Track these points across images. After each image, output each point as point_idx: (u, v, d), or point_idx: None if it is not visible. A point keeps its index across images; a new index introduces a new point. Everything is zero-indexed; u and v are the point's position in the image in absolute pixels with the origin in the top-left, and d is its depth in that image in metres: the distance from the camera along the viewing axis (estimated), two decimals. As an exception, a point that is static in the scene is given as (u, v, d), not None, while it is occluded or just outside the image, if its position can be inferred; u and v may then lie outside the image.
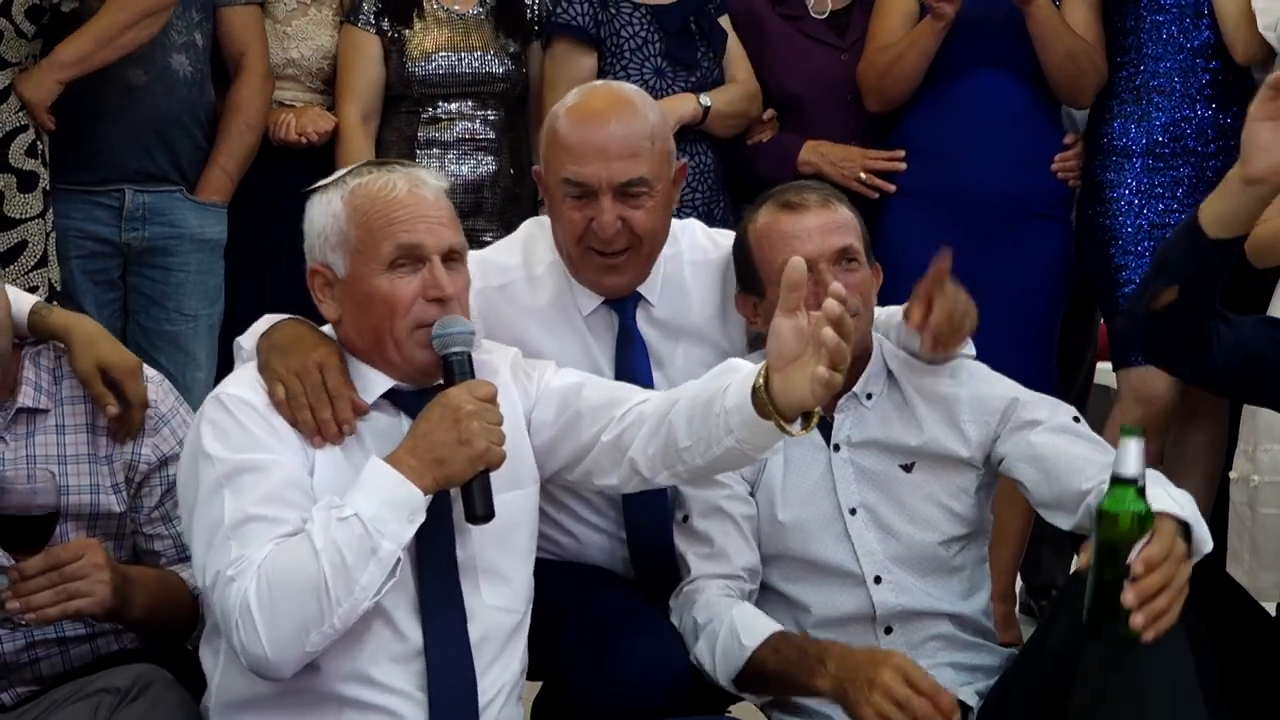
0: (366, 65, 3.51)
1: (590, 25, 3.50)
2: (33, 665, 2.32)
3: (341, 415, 2.12)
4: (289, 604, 1.96)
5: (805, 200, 2.46)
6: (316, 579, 1.96)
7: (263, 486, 2.03)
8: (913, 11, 3.52)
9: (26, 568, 2.12)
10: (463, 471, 2.04)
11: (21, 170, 3.15)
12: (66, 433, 2.32)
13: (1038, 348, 3.53)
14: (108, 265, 3.38)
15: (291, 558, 1.98)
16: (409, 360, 2.15)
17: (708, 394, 2.10)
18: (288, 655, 1.98)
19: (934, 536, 2.47)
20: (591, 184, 2.43)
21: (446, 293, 2.13)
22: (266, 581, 1.97)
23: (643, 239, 2.48)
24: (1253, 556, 2.77)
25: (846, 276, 2.41)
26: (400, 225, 2.13)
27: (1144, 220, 3.43)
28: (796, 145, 3.58)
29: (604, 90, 2.59)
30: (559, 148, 2.47)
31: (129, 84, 3.31)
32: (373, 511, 1.99)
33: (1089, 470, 2.31)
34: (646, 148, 2.45)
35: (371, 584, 1.98)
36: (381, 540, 1.98)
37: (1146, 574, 1.97)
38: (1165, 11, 3.40)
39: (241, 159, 3.46)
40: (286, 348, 2.18)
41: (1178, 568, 2.00)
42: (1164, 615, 1.99)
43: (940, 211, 3.49)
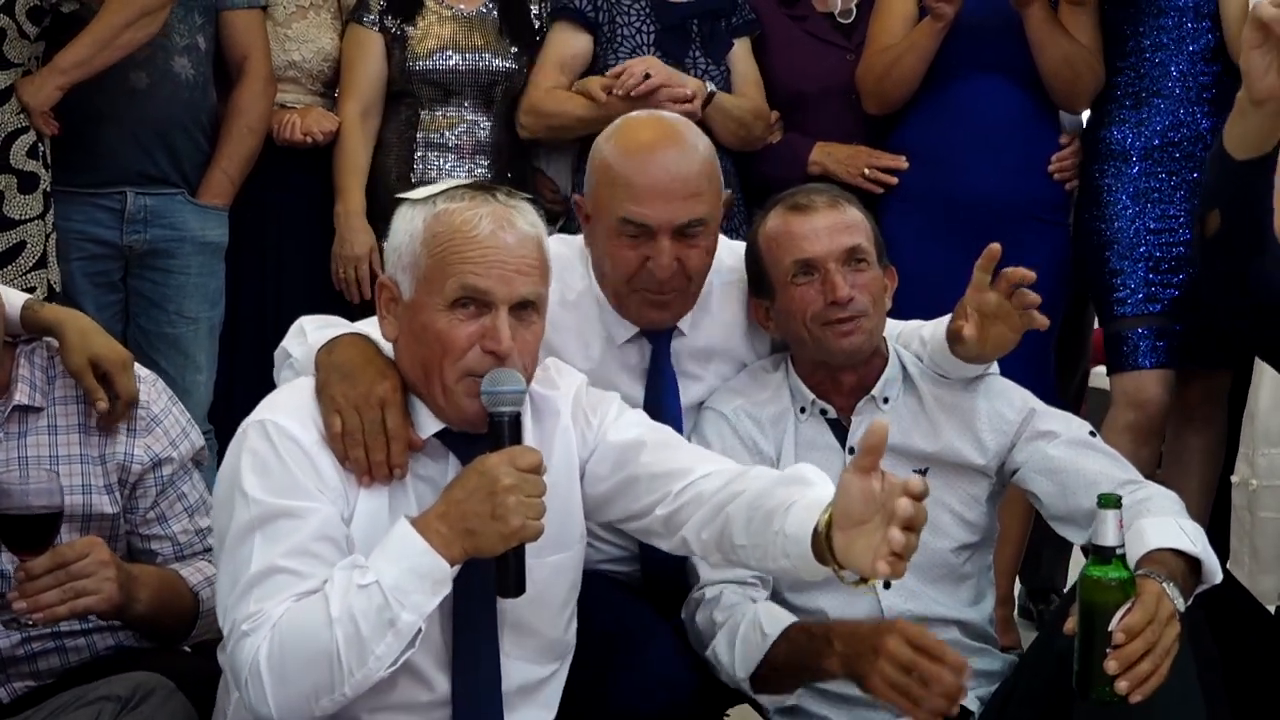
0: (368, 63, 3.51)
1: (590, 9, 3.52)
2: (30, 661, 2.33)
3: (395, 460, 2.04)
4: (299, 670, 1.90)
5: (813, 202, 2.47)
6: (329, 648, 1.89)
7: (294, 537, 1.95)
8: (912, 14, 3.52)
9: (32, 567, 2.12)
10: (493, 546, 1.94)
11: (22, 171, 3.15)
12: (59, 433, 2.32)
13: (1036, 352, 3.50)
14: (108, 267, 3.38)
15: (305, 621, 1.91)
16: (454, 406, 2.05)
17: (771, 505, 2.00)
18: (294, 717, 1.92)
19: (945, 543, 2.48)
20: (651, 224, 2.40)
21: (504, 348, 2.01)
22: (279, 643, 1.90)
23: (692, 278, 2.47)
24: (1252, 560, 2.78)
25: (855, 276, 2.44)
26: (471, 266, 2.02)
27: (1141, 225, 3.42)
28: (805, 146, 3.58)
29: (651, 123, 2.53)
30: (616, 184, 2.42)
31: (131, 87, 3.32)
32: (394, 580, 1.91)
33: (1104, 485, 2.32)
34: (705, 186, 2.43)
35: (388, 654, 1.91)
36: (401, 611, 1.90)
37: (1128, 641, 1.99)
38: (1165, 15, 3.39)
39: (243, 162, 3.46)
40: (349, 372, 2.08)
41: (1163, 631, 2.02)
42: (1149, 678, 2.00)
43: (938, 216, 3.49)
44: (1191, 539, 2.20)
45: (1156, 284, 3.40)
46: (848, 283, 2.42)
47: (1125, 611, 2.01)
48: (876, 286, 2.47)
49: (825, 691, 2.47)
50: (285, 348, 2.30)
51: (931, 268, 3.40)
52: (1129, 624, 2.00)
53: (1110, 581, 2.03)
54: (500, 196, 2.09)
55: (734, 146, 3.57)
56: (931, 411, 2.51)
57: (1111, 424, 3.41)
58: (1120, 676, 1.99)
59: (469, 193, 2.09)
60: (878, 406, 2.50)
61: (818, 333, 2.45)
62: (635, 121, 2.55)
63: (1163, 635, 2.02)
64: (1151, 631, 2.01)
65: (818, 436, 2.51)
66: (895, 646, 2.12)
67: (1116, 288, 3.43)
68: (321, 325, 2.28)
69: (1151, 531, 2.22)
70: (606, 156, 2.46)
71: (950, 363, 2.50)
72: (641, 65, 3.36)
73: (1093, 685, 2.03)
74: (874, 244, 2.49)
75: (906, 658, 2.10)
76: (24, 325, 2.34)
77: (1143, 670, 2.00)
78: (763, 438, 2.51)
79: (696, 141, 2.48)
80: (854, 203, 2.52)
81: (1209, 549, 2.22)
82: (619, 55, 3.52)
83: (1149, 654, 2.00)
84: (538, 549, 2.04)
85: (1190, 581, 2.18)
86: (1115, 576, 2.03)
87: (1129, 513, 2.28)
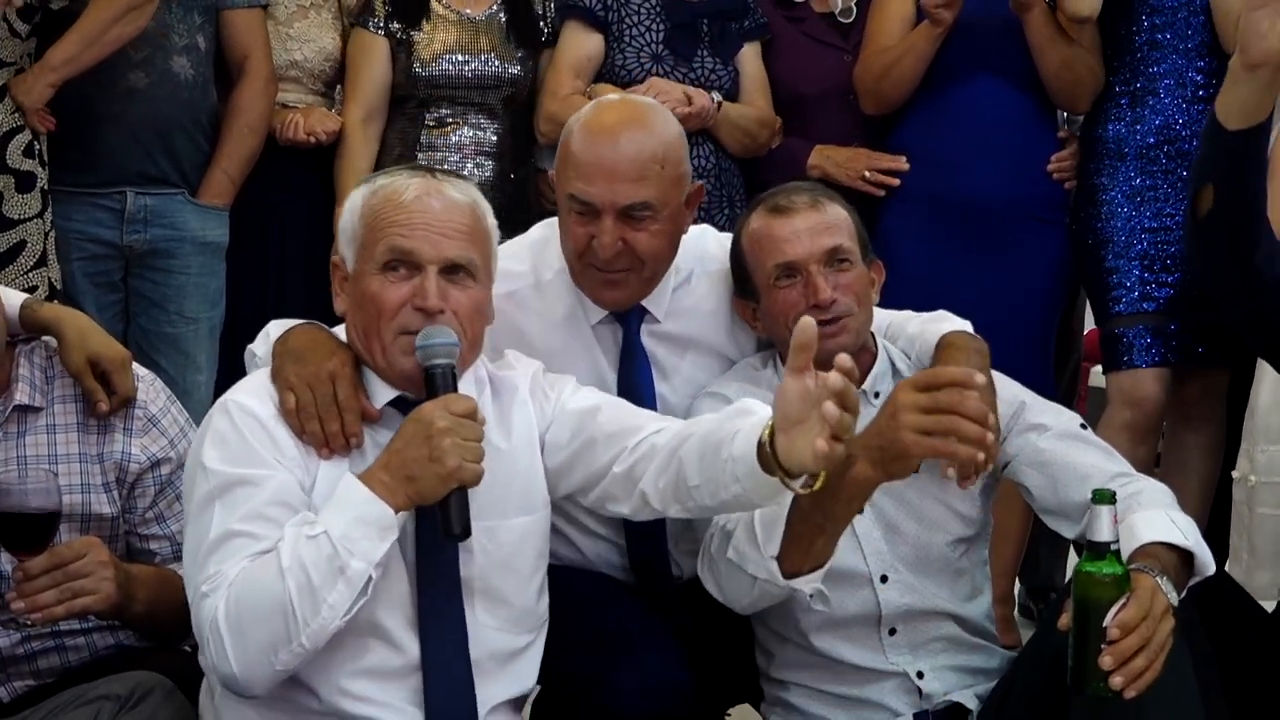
0: (373, 67, 3.51)
1: (600, 8, 3.53)
2: (29, 660, 2.33)
3: (350, 429, 2.10)
4: (255, 624, 1.94)
5: (793, 203, 2.46)
6: (282, 599, 1.93)
7: (251, 502, 2.01)
8: (910, 15, 3.53)
9: (30, 567, 2.12)
10: (434, 489, 2.00)
11: (19, 170, 3.16)
12: (58, 432, 2.32)
13: (1036, 351, 3.53)
14: (109, 267, 3.38)
15: (259, 576, 1.96)
16: (392, 366, 2.12)
17: (718, 436, 2.07)
18: (256, 674, 1.96)
19: (941, 537, 2.47)
20: (595, 203, 2.42)
21: (431, 304, 2.09)
22: (235, 600, 1.95)
23: (644, 261, 2.46)
24: (1250, 556, 2.78)
25: (837, 277, 2.42)
26: (398, 229, 2.11)
27: (1137, 224, 3.42)
28: (805, 150, 3.59)
29: (620, 105, 2.57)
30: (568, 162, 2.46)
31: (130, 87, 3.32)
32: (342, 530, 1.96)
33: (1096, 478, 2.32)
34: (655, 171, 2.42)
35: (340, 603, 1.96)
36: (350, 559, 1.96)
37: (1123, 637, 1.99)
38: (1160, 13, 3.39)
39: (243, 162, 3.47)
40: (300, 354, 2.16)
41: (1157, 626, 2.02)
42: (1144, 674, 2.00)
43: (937, 216, 3.50)
44: (1183, 532, 2.20)
45: (1152, 282, 3.41)
46: (830, 284, 2.40)
47: (1120, 607, 2.01)
48: (861, 285, 2.45)
49: (825, 692, 2.48)
50: (252, 349, 2.34)
51: (931, 269, 3.42)
52: (1124, 620, 2.00)
53: (1105, 577, 2.03)
54: (438, 174, 2.20)
55: (739, 154, 3.59)
56: None
57: (1108, 422, 3.42)
58: (1115, 672, 1.99)
59: (406, 170, 2.21)
60: (868, 401, 2.47)
61: None
62: (605, 104, 2.57)
63: (1157, 631, 2.02)
64: (1146, 627, 2.01)
65: None
66: (905, 396, 2.05)
67: (1112, 286, 3.44)
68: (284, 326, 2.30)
69: (1143, 526, 2.21)
70: (569, 134, 2.49)
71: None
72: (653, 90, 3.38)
73: (1087, 681, 2.03)
74: (857, 241, 2.47)
75: (919, 401, 2.03)
76: (23, 325, 2.35)
77: (1137, 666, 2.00)
78: None
79: (660, 127, 2.47)
80: (835, 199, 2.50)
81: (1201, 541, 2.21)
82: (627, 54, 3.53)
83: (1144, 650, 2.00)
84: (503, 510, 2.14)
85: (1183, 574, 2.18)
86: (1110, 572, 2.03)
87: (1120, 507, 2.28)
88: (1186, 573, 2.20)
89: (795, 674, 2.51)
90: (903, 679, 2.45)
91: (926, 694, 2.45)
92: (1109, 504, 2.03)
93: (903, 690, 2.46)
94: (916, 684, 2.45)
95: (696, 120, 3.42)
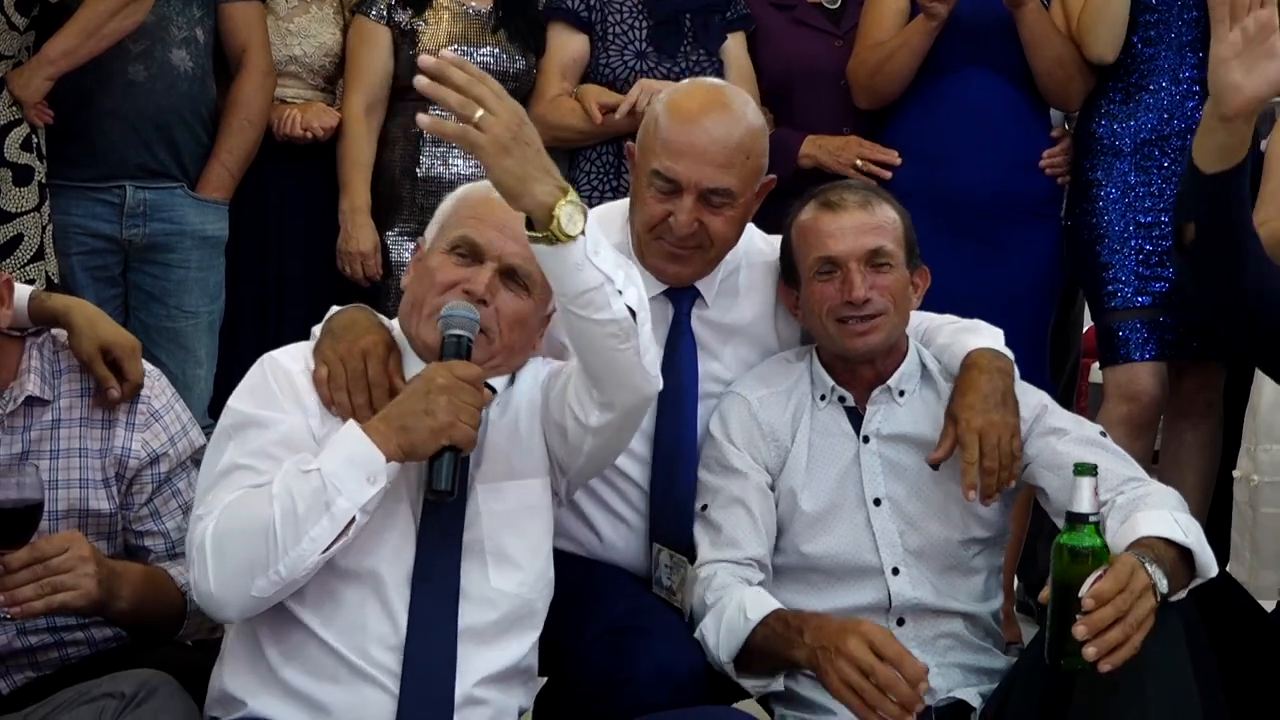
0: (374, 57, 3.51)
1: (583, 9, 3.53)
2: (29, 654, 2.32)
3: (377, 405, 2.16)
4: (238, 543, 2.03)
5: (844, 200, 2.50)
6: (266, 524, 2.02)
7: (259, 440, 2.13)
8: (904, 9, 3.52)
9: (10, 561, 2.10)
10: (425, 442, 2.07)
11: (16, 164, 3.14)
12: (61, 427, 2.32)
13: (1030, 345, 3.52)
14: (108, 261, 3.37)
15: (249, 502, 2.06)
16: (419, 336, 2.22)
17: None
18: (231, 595, 2.05)
19: (956, 534, 2.49)
20: (679, 181, 2.47)
21: (477, 289, 2.18)
22: (224, 522, 2.05)
23: (714, 242, 2.52)
24: (1253, 555, 2.78)
25: (876, 277, 2.46)
26: (474, 221, 2.23)
27: (1132, 219, 3.43)
28: (796, 139, 3.58)
29: (710, 89, 2.60)
30: (656, 138, 2.50)
31: (129, 80, 3.31)
32: (333, 468, 2.04)
33: (1110, 481, 2.33)
34: (741, 160, 2.48)
35: (321, 537, 2.03)
36: (337, 496, 2.03)
37: (1098, 607, 1.99)
38: (1153, 10, 3.39)
39: (243, 155, 3.46)
40: (339, 332, 2.25)
41: (1134, 601, 2.02)
42: (1119, 648, 2.00)
43: (930, 211, 3.44)
44: (1184, 530, 2.20)
45: (1147, 277, 3.42)
46: (866, 283, 2.44)
47: (1096, 579, 2.02)
48: (899, 288, 2.48)
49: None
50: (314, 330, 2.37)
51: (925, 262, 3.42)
52: (1099, 590, 2.00)
53: (1083, 549, 2.04)
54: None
55: None
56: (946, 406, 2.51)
57: (1105, 417, 3.41)
58: (1089, 643, 1.99)
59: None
60: (893, 398, 2.52)
61: (833, 329, 2.48)
62: (694, 86, 2.63)
63: (1135, 606, 2.01)
64: (1122, 600, 2.00)
65: (833, 423, 2.53)
66: (855, 648, 2.12)
67: (1107, 282, 3.45)
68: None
69: (1144, 522, 2.22)
70: (657, 112, 2.53)
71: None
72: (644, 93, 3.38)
73: (1063, 653, 2.04)
74: (903, 246, 2.51)
75: (865, 661, 2.10)
76: (31, 316, 2.34)
77: (1112, 638, 1.99)
78: (782, 427, 2.53)
79: (744, 115, 2.52)
80: (888, 201, 2.54)
81: (1204, 543, 2.21)
82: (611, 53, 3.53)
83: (1119, 623, 2.00)
84: (509, 471, 2.23)
85: (1182, 573, 2.18)
86: (1088, 545, 2.04)
87: (1127, 507, 2.29)
88: (1187, 573, 2.20)
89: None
90: None
91: (931, 688, 2.44)
92: (1089, 475, 2.05)
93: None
94: None
95: None
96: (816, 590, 2.48)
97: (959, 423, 2.41)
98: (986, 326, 2.58)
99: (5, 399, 2.28)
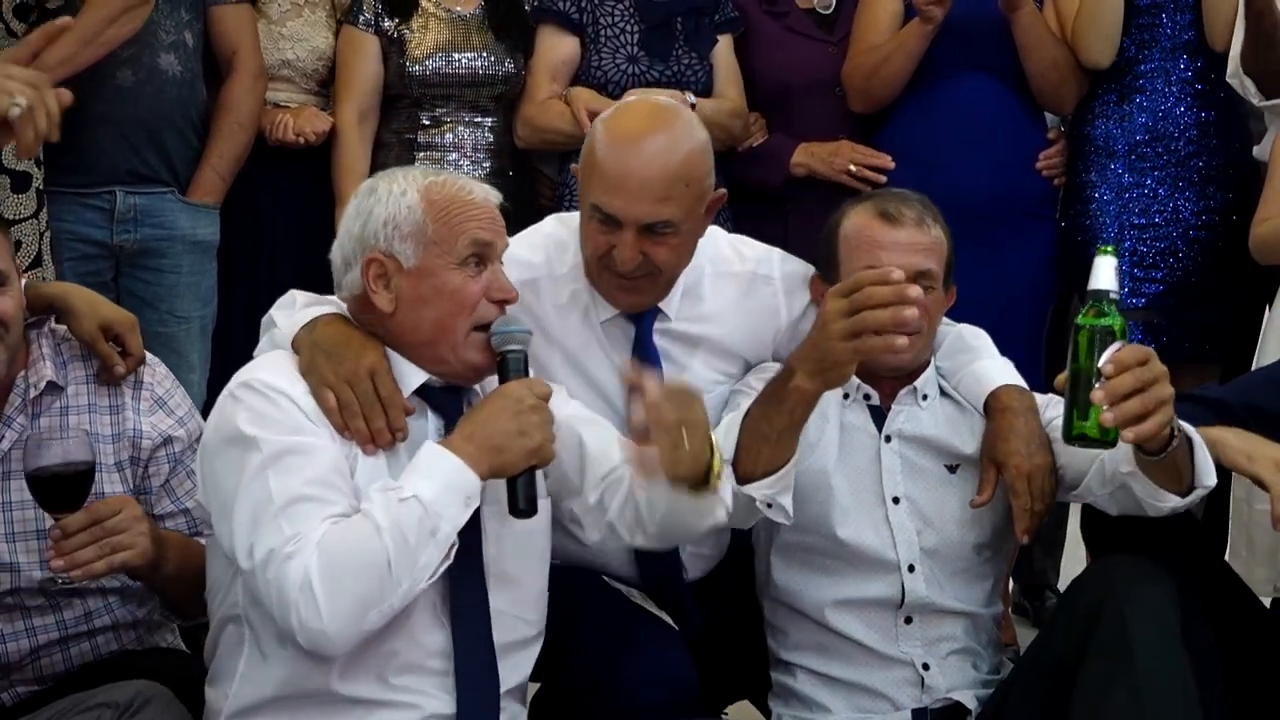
0: (365, 65, 3.49)
1: (574, 11, 3.52)
2: (34, 664, 2.33)
3: (395, 424, 2.14)
4: (351, 580, 1.97)
5: (902, 215, 2.48)
6: (380, 557, 1.98)
7: (310, 469, 2.05)
8: (898, 12, 3.54)
9: (68, 524, 2.14)
10: (516, 463, 2.07)
11: (14, 171, 3.12)
12: (70, 414, 2.33)
13: (1026, 346, 3.54)
14: (100, 267, 3.35)
15: (354, 535, 1.99)
16: (463, 360, 2.18)
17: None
18: (347, 631, 1.99)
19: (969, 537, 2.52)
20: (618, 217, 2.40)
21: (511, 295, 2.20)
22: (328, 557, 1.97)
23: (662, 270, 2.47)
24: (1248, 551, 2.80)
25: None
26: (478, 224, 2.18)
27: (1126, 220, 3.45)
28: (789, 147, 3.59)
29: (646, 112, 2.52)
30: (593, 171, 2.43)
31: (118, 85, 3.29)
32: (432, 494, 2.01)
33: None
34: (680, 190, 2.41)
35: (430, 565, 2.01)
36: (440, 522, 2.01)
37: (1117, 373, 1.99)
38: (1146, 12, 3.42)
39: (234, 159, 3.44)
40: (333, 350, 2.16)
41: (1155, 376, 2.01)
42: (1140, 419, 1.99)
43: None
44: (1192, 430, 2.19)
45: (1141, 279, 3.45)
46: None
47: (1116, 350, 2.01)
48: (935, 308, 2.49)
49: (831, 678, 2.52)
50: (272, 315, 2.34)
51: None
52: (1119, 357, 2.00)
53: (1103, 325, 2.03)
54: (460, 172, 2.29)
55: (715, 149, 3.56)
56: (969, 415, 2.54)
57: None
58: (1106, 410, 1.98)
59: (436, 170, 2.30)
60: (917, 400, 2.54)
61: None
62: (630, 109, 2.56)
63: (1155, 385, 2.01)
64: (1144, 371, 2.00)
65: (857, 421, 2.55)
66: (831, 305, 2.15)
67: (1101, 283, 3.46)
68: (313, 302, 2.31)
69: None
70: (595, 138, 2.47)
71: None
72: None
73: (1078, 423, 2.02)
74: (944, 267, 2.51)
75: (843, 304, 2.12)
76: (29, 306, 2.36)
77: (1130, 408, 1.99)
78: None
79: (685, 139, 2.45)
80: (939, 222, 2.52)
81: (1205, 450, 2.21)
82: (603, 56, 3.52)
83: (1139, 393, 1.99)
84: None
85: (1184, 456, 2.18)
86: (1108, 322, 2.03)
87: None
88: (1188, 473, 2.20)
89: (804, 656, 2.54)
90: (909, 669, 2.50)
91: (929, 687, 2.49)
92: (1110, 255, 2.05)
93: (907, 682, 2.50)
94: (921, 675, 2.49)
95: None
96: (831, 576, 2.50)
97: (1008, 469, 2.41)
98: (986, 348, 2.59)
99: (25, 385, 2.30)
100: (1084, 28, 3.41)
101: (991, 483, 2.43)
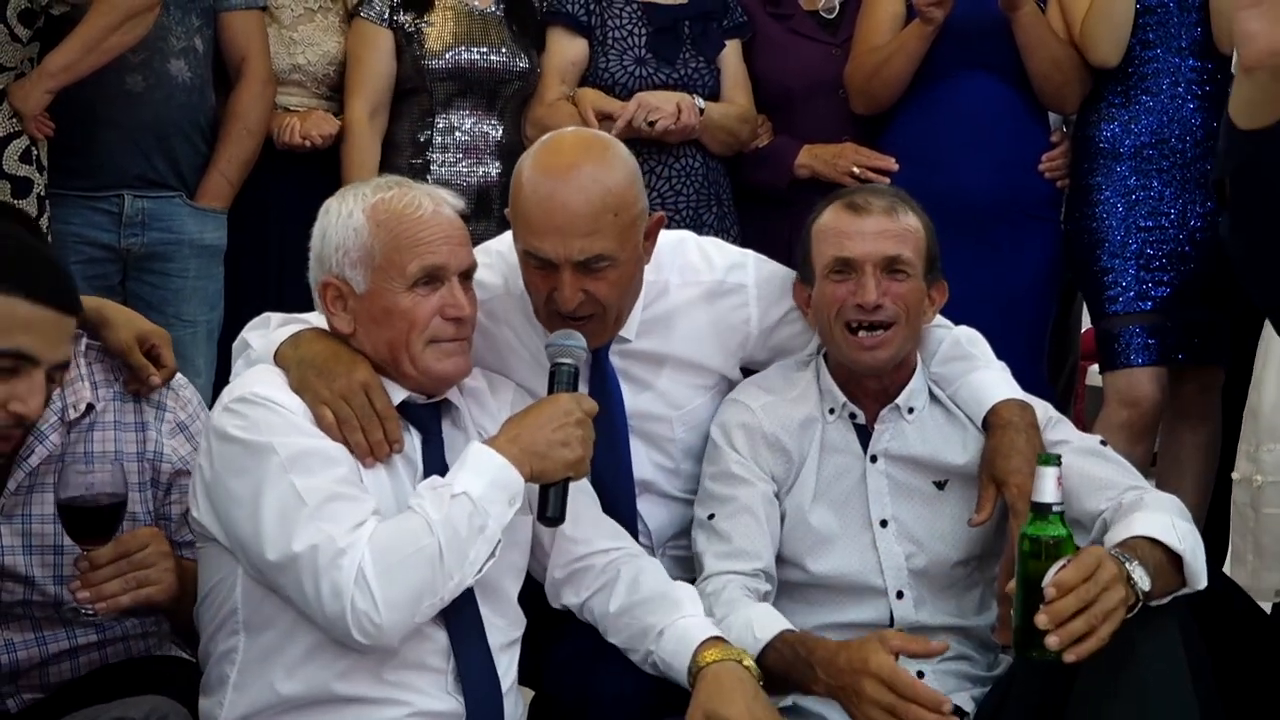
0: (376, 60, 3.48)
1: (582, 14, 3.52)
2: (42, 673, 2.32)
3: (393, 436, 2.17)
4: (406, 573, 2.03)
5: (869, 204, 2.47)
6: (433, 550, 2.04)
7: (334, 470, 2.10)
8: (899, 13, 3.54)
9: (97, 557, 2.14)
10: (556, 471, 2.14)
11: (16, 176, 3.13)
12: (95, 429, 2.31)
13: (1028, 347, 3.54)
14: (107, 271, 3.36)
15: (407, 530, 2.05)
16: (425, 371, 2.21)
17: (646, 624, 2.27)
18: (402, 622, 2.04)
19: (957, 554, 2.50)
20: (550, 259, 2.33)
21: (465, 313, 2.21)
22: (382, 552, 2.02)
23: (607, 307, 2.39)
24: (1256, 557, 2.78)
25: (891, 284, 2.43)
26: (426, 246, 2.19)
27: (1131, 223, 3.44)
28: (793, 149, 3.59)
29: (565, 148, 2.42)
30: (519, 214, 2.36)
31: (128, 90, 3.30)
32: (481, 491, 2.07)
33: (1110, 492, 2.35)
34: (609, 221, 2.32)
35: (478, 559, 2.08)
36: (488, 519, 2.07)
37: (1060, 597, 1.99)
38: (1152, 13, 3.41)
39: (242, 165, 3.45)
40: (324, 367, 2.18)
41: (1100, 592, 2.00)
42: (1086, 639, 1.99)
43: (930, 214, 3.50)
44: (1179, 537, 2.18)
45: (1148, 282, 3.43)
46: (879, 289, 2.41)
47: (1060, 568, 2.01)
48: (913, 299, 2.45)
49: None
50: (245, 338, 2.35)
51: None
52: (1061, 579, 2.00)
53: (1047, 539, 2.05)
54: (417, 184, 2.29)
55: (722, 153, 3.59)
56: (959, 424, 2.51)
57: (1105, 422, 3.43)
58: (1051, 632, 1.98)
59: (392, 183, 2.27)
60: (902, 416, 2.50)
61: (840, 336, 2.45)
62: (550, 146, 2.43)
63: (1101, 597, 2.00)
64: (1086, 590, 2.00)
65: (842, 441, 2.52)
66: (874, 691, 2.13)
67: (1108, 286, 3.46)
68: (287, 321, 2.32)
69: (1139, 522, 2.21)
70: (522, 177, 2.38)
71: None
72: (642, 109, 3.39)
73: (1030, 645, 2.03)
74: (923, 257, 2.47)
75: (886, 701, 2.12)
76: None
77: (1075, 628, 1.99)
78: (788, 437, 2.50)
79: (608, 170, 2.36)
80: (915, 211, 2.50)
81: (1199, 555, 2.20)
82: (610, 58, 3.52)
83: (1083, 612, 1.99)
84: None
85: (1170, 576, 2.16)
86: (1052, 534, 2.05)
87: (1129, 509, 2.29)
88: (1176, 579, 2.18)
89: None
90: None
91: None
92: (1053, 465, 2.06)
93: None
94: None
95: (682, 133, 3.44)
96: (817, 607, 2.48)
97: (1008, 488, 2.38)
98: (984, 355, 2.55)
99: (63, 405, 2.27)
100: (1095, 25, 3.40)
101: (991, 500, 2.41)
